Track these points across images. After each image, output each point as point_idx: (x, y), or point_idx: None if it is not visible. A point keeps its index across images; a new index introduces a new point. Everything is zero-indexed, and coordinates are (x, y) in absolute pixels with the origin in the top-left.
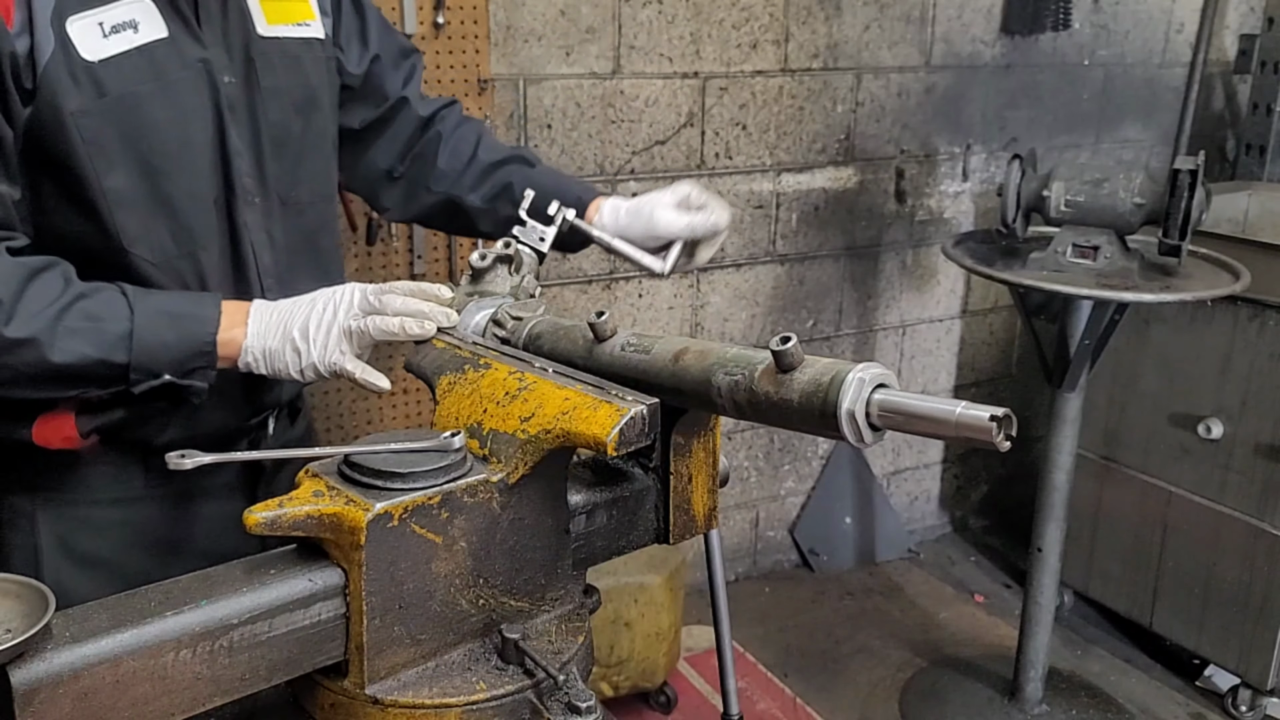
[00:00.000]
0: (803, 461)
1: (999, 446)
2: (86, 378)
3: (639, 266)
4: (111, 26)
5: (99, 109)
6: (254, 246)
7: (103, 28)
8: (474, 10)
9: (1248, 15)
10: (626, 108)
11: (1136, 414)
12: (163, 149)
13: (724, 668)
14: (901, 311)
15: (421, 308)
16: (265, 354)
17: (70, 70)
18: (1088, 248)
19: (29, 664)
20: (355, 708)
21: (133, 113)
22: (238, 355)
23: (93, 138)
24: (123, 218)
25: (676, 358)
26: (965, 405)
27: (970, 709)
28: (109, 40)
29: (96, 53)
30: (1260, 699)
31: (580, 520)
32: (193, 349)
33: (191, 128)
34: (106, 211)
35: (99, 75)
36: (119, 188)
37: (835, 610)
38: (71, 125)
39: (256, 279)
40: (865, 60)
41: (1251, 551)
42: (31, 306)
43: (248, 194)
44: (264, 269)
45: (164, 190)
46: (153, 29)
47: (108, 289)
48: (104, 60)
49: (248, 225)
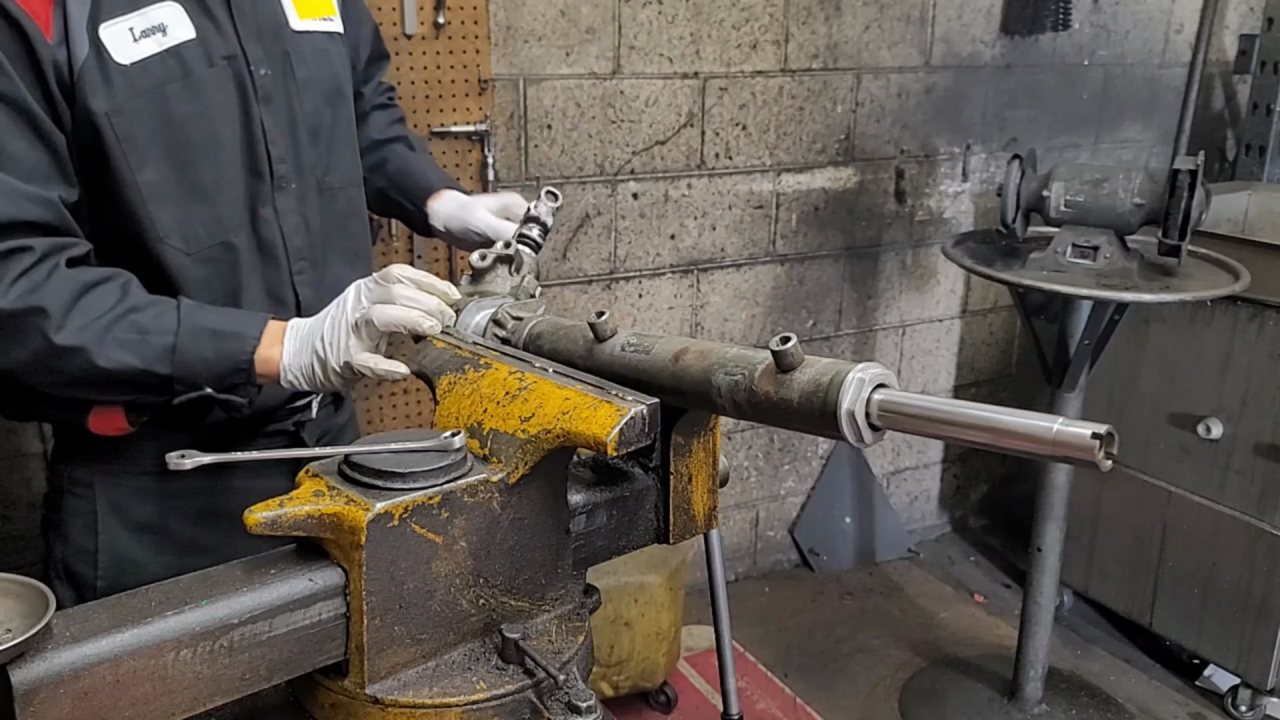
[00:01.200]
0: (803, 461)
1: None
2: (133, 385)
3: None
4: (142, 31)
5: (131, 107)
6: (284, 231)
7: (133, 32)
8: (474, 10)
9: (1248, 15)
10: (626, 108)
11: (1136, 414)
12: (191, 141)
13: (724, 667)
14: (901, 311)
15: (427, 302)
16: (301, 371)
17: (104, 73)
18: (1087, 248)
19: (29, 664)
20: (355, 707)
21: (161, 108)
22: (277, 374)
23: (126, 134)
24: (157, 210)
25: (676, 358)
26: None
27: (970, 709)
28: (139, 44)
29: (128, 56)
30: (1260, 699)
31: (580, 520)
32: (231, 365)
33: (219, 121)
34: (142, 205)
35: (131, 77)
36: (152, 181)
37: (835, 610)
38: (106, 124)
39: (286, 263)
40: (865, 60)
41: (1251, 551)
42: (83, 318)
43: (283, 180)
44: (295, 252)
45: (194, 181)
46: (181, 31)
47: (164, 303)
48: (135, 63)
49: (280, 210)
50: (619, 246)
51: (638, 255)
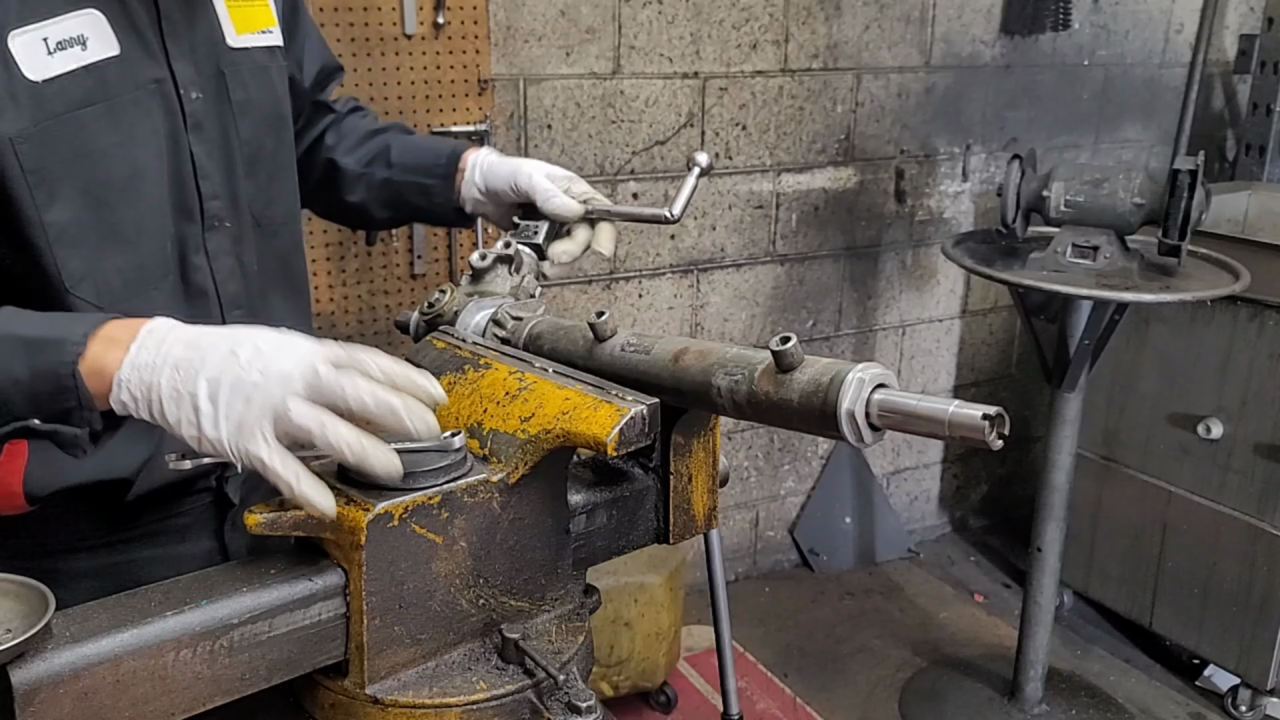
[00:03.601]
0: (803, 461)
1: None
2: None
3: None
4: (57, 42)
5: (39, 133)
6: (217, 278)
7: (47, 44)
8: (474, 10)
9: (1248, 15)
10: (626, 108)
11: (1136, 414)
12: (109, 177)
13: (724, 668)
14: (901, 311)
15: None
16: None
17: (10, 90)
18: (1087, 248)
19: (29, 664)
20: (355, 707)
21: (77, 136)
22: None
23: (34, 165)
24: (65, 255)
25: (676, 358)
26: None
27: (970, 709)
28: (54, 58)
29: (40, 71)
30: (1260, 699)
31: (580, 520)
32: (49, 385)
33: (143, 153)
34: (47, 248)
35: (42, 96)
36: (61, 221)
37: (835, 610)
38: (9, 151)
39: (219, 313)
40: (865, 60)
41: (1251, 551)
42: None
43: (215, 218)
44: (230, 300)
45: (110, 223)
46: (103, 46)
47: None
48: (48, 80)
49: (211, 253)
50: (619, 246)
51: (638, 255)
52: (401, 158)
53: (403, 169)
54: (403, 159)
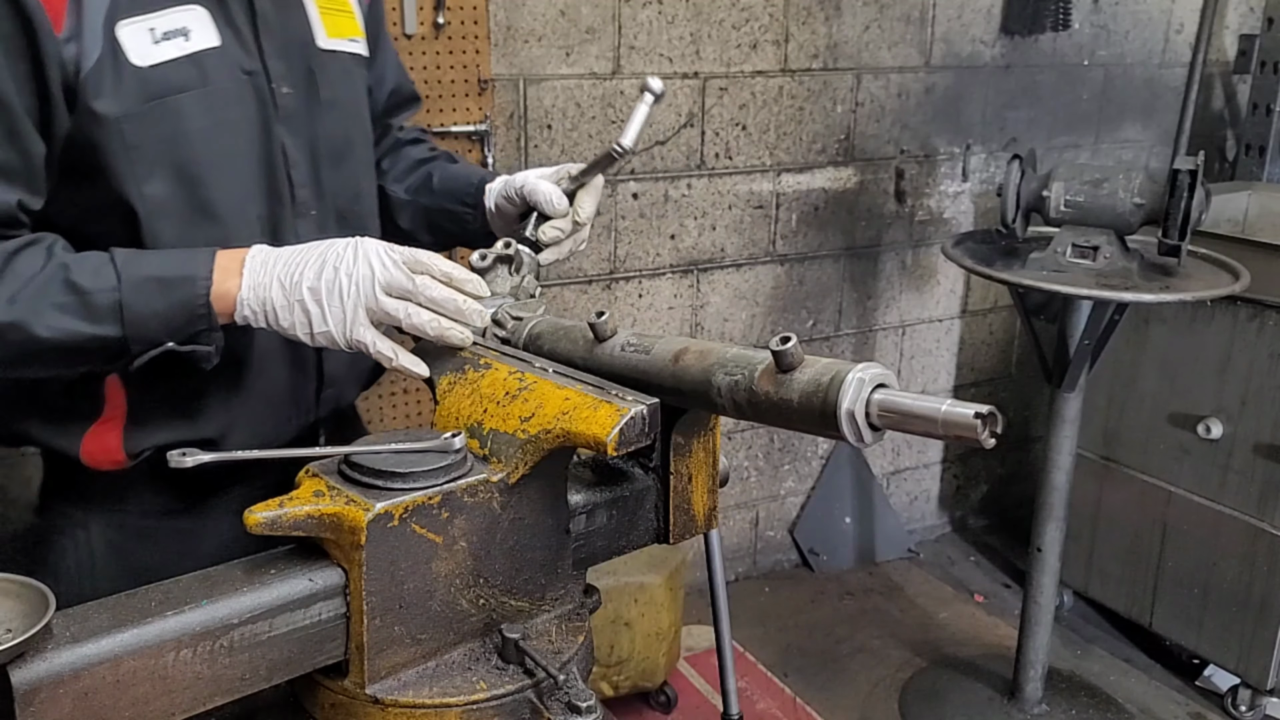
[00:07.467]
0: (803, 461)
1: (984, 443)
2: (83, 352)
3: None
4: (163, 33)
5: (141, 113)
6: None
7: (154, 33)
8: (474, 10)
9: (1247, 15)
10: (627, 108)
11: (1136, 414)
12: (202, 157)
13: (724, 668)
14: (901, 311)
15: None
16: (265, 308)
17: (117, 75)
18: (1087, 248)
19: (29, 664)
20: (355, 707)
21: (175, 118)
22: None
23: (135, 142)
24: (158, 226)
25: (676, 358)
26: (951, 403)
27: (970, 709)
28: (159, 46)
29: (146, 58)
30: (1260, 699)
31: (580, 520)
32: (187, 314)
33: (235, 138)
34: (144, 218)
35: (147, 80)
36: (157, 194)
37: (835, 610)
38: (114, 130)
39: None
40: (865, 60)
41: (1251, 551)
42: (10, 288)
43: (303, 205)
44: None
45: (203, 198)
46: (205, 37)
47: (95, 257)
48: (153, 66)
49: (301, 238)
50: (619, 246)
51: (638, 255)
52: (440, 186)
53: (440, 197)
54: (441, 187)
